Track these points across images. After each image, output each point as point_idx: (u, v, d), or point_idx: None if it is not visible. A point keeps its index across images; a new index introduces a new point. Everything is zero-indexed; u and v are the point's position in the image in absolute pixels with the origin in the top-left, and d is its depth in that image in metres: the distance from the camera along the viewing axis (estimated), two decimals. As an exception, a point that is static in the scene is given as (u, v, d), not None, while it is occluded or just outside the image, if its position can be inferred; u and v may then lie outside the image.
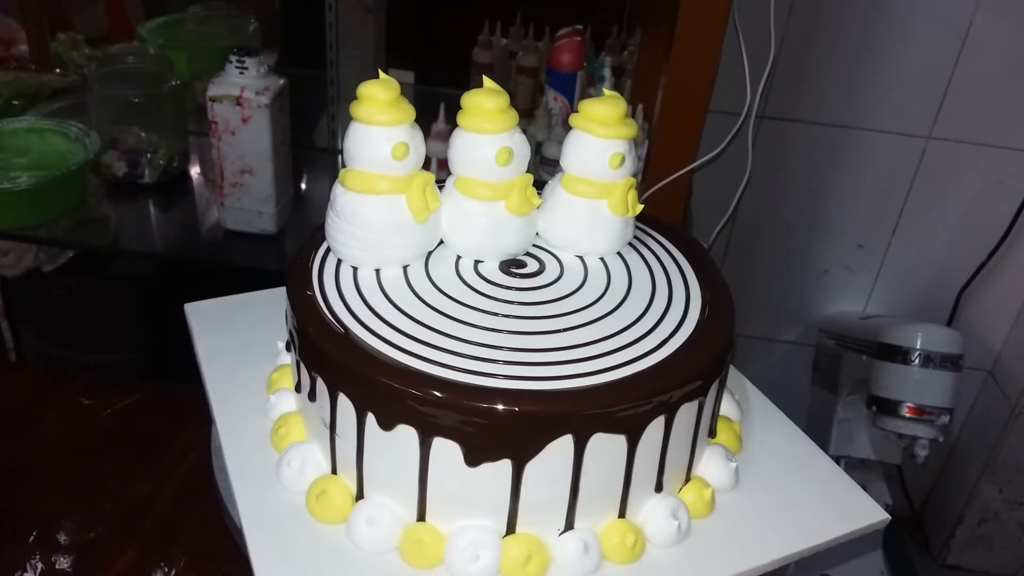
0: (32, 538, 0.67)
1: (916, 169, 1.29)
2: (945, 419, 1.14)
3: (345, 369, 0.46)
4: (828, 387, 1.36)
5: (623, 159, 0.54)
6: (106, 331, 1.29)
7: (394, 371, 0.45)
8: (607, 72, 1.07)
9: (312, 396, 0.49)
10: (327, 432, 0.49)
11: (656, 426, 0.47)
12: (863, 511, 0.53)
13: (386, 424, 0.45)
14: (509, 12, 1.24)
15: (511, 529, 0.46)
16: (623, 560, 0.47)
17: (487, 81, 0.53)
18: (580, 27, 1.07)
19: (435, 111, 1.00)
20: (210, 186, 1.08)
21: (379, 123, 0.50)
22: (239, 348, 0.61)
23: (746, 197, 1.16)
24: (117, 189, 1.08)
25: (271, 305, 0.64)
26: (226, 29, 1.23)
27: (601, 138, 0.54)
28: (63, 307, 1.28)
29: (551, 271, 0.55)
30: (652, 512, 0.49)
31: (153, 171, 1.07)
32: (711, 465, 0.53)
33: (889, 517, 0.52)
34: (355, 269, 0.53)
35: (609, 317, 0.51)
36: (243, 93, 0.89)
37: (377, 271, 0.53)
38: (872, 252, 1.37)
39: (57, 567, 0.65)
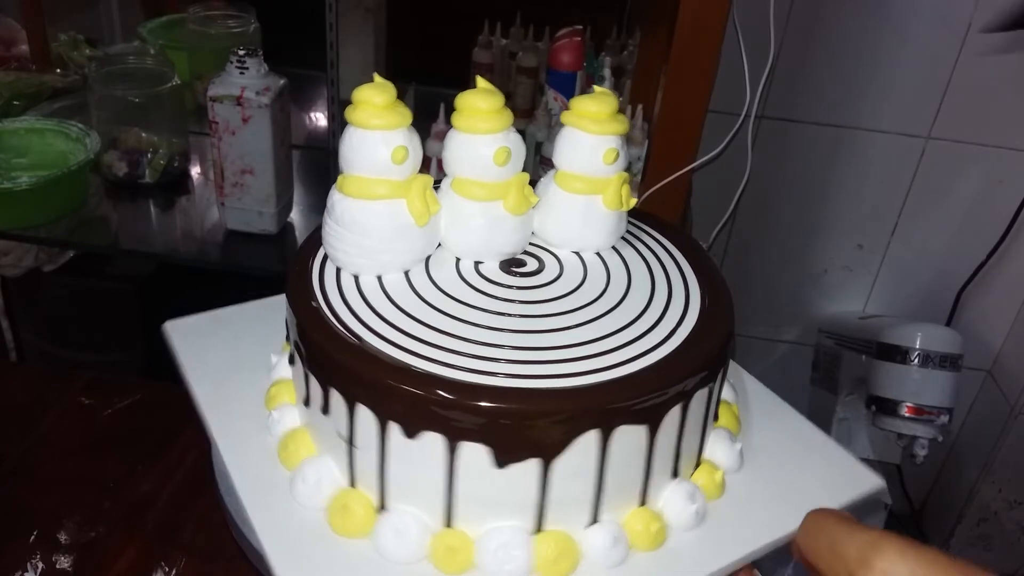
0: (33, 537, 0.67)
1: (915, 169, 1.29)
2: (944, 419, 1.14)
3: (363, 380, 0.45)
4: (827, 387, 1.36)
5: (617, 155, 0.54)
6: (106, 331, 1.29)
7: (417, 378, 0.44)
8: (607, 72, 1.07)
9: (325, 410, 0.48)
10: (343, 445, 0.48)
11: (674, 414, 0.47)
12: (861, 479, 0.55)
13: (411, 432, 0.44)
14: (509, 12, 1.24)
15: (539, 527, 0.46)
16: (648, 547, 0.48)
17: (480, 81, 0.53)
18: (580, 27, 1.08)
19: (435, 111, 1.00)
20: (210, 186, 1.08)
21: (376, 127, 0.49)
22: (229, 365, 0.59)
23: (745, 197, 1.16)
24: (117, 189, 1.09)
25: (257, 317, 0.63)
26: (226, 29, 1.23)
27: (594, 134, 0.54)
28: (63, 307, 1.28)
29: (551, 269, 0.55)
30: (670, 498, 0.49)
31: (153, 171, 1.07)
32: (717, 448, 0.54)
33: (883, 482, 0.54)
34: (356, 276, 0.53)
35: (615, 311, 0.51)
36: (243, 93, 0.90)
37: (379, 277, 0.53)
38: (871, 252, 1.37)
39: (58, 567, 0.65)
